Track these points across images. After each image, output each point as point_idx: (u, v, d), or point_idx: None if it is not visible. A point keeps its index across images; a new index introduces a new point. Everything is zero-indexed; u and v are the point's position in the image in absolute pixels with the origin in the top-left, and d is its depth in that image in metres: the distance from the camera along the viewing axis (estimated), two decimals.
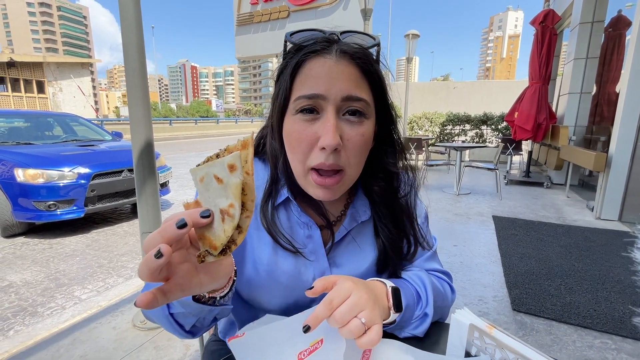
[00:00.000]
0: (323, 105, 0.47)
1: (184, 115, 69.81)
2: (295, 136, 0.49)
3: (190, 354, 1.55)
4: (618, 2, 4.71)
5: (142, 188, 1.63)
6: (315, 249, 0.58)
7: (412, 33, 7.51)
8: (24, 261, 2.67)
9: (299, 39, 0.52)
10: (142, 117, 1.58)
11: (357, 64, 0.49)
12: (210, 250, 0.33)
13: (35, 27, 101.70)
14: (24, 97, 21.12)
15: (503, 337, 0.40)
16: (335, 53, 0.48)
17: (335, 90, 0.47)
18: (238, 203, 0.31)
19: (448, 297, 0.62)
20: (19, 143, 3.64)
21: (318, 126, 0.48)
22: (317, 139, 0.47)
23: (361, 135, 0.49)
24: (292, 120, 0.50)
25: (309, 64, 0.49)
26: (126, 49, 1.50)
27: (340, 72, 0.47)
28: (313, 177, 0.49)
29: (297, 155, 0.50)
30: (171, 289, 0.34)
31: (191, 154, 10.35)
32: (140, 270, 0.30)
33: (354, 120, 0.49)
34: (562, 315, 1.82)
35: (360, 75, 0.49)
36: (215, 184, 0.32)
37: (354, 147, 0.49)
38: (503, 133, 7.89)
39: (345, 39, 0.52)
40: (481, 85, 11.88)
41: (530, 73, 5.28)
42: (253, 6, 8.39)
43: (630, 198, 3.47)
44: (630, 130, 3.37)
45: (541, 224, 3.40)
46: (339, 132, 0.47)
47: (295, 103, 0.49)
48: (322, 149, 0.47)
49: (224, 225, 0.32)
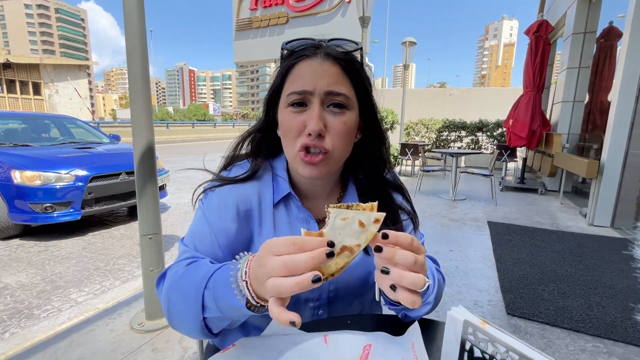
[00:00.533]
0: (310, 99, 0.56)
1: (181, 118, 69.71)
2: (287, 124, 0.58)
3: (188, 356, 1.56)
4: (609, 13, 4.83)
5: (143, 191, 1.64)
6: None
7: (409, 40, 7.61)
8: (20, 263, 2.66)
9: (292, 46, 0.62)
10: (144, 121, 1.60)
11: (339, 64, 0.58)
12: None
13: (32, 29, 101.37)
14: (20, 98, 21.00)
15: (495, 332, 0.42)
16: (320, 56, 0.58)
17: (319, 86, 0.55)
18: (364, 246, 0.38)
19: (442, 288, 0.66)
20: (16, 145, 3.63)
21: (305, 116, 0.56)
22: (305, 127, 0.56)
23: (343, 123, 0.57)
24: (285, 112, 0.59)
25: (299, 65, 0.58)
26: (130, 55, 1.53)
27: (324, 70, 0.56)
28: (301, 156, 0.57)
29: (288, 140, 0.58)
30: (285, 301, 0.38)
31: (188, 157, 10.33)
32: (287, 289, 0.36)
33: (336, 112, 0.57)
34: (555, 319, 1.85)
35: (342, 74, 0.58)
36: (356, 226, 0.38)
37: (336, 133, 0.57)
38: (498, 140, 7.99)
39: (331, 45, 0.61)
40: (477, 92, 12.03)
41: (524, 81, 5.38)
42: (252, 12, 8.47)
43: (622, 205, 3.53)
44: (621, 138, 3.44)
45: (535, 230, 3.44)
46: (322, 121, 0.55)
47: (287, 98, 0.57)
48: (308, 134, 0.55)
49: (337, 258, 0.38)
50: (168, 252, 2.90)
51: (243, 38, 8.71)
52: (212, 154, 11.11)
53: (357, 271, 0.65)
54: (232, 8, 8.76)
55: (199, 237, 0.61)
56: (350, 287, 0.67)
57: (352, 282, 0.66)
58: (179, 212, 4.21)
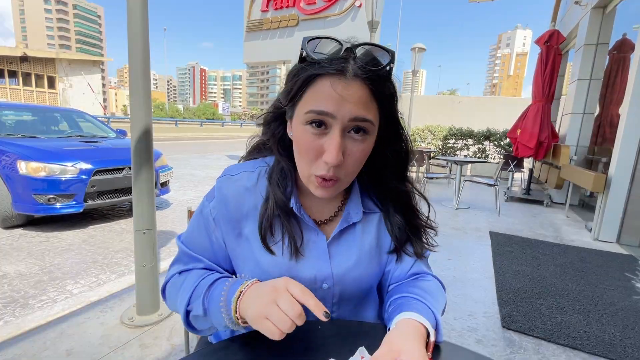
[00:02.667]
0: (331, 123, 0.51)
1: (190, 116, 70.44)
2: (304, 145, 0.54)
3: (175, 353, 1.55)
4: (623, 25, 4.75)
5: (138, 186, 1.65)
6: (317, 245, 0.64)
7: (418, 46, 7.59)
8: (20, 253, 2.70)
9: (314, 50, 0.52)
10: (143, 115, 1.61)
11: (368, 86, 0.52)
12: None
13: (50, 24, 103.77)
14: (34, 91, 21.45)
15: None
16: (349, 74, 0.50)
17: (343, 112, 0.50)
18: None
19: (444, 305, 0.66)
20: (24, 136, 3.70)
21: (325, 141, 0.52)
22: (322, 152, 0.53)
23: (362, 151, 0.55)
24: (302, 129, 0.54)
25: (323, 80, 0.51)
26: (131, 49, 1.54)
27: (351, 95, 0.50)
28: (317, 180, 0.55)
29: (304, 160, 0.56)
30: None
31: (194, 156, 10.42)
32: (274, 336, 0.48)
33: (357, 138, 0.53)
34: (551, 334, 1.80)
35: (370, 97, 0.52)
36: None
37: (353, 162, 0.55)
38: (505, 149, 7.90)
39: (360, 53, 0.53)
40: (486, 101, 11.93)
41: (533, 91, 5.31)
42: (263, 13, 8.53)
43: (628, 220, 3.45)
44: (630, 152, 3.37)
45: (538, 242, 3.38)
46: (342, 149, 0.52)
47: (306, 115, 0.52)
48: (325, 163, 0.52)
49: None
50: (166, 248, 2.92)
51: (253, 39, 8.78)
52: (217, 152, 11.17)
53: (362, 282, 0.65)
54: (244, 9, 8.84)
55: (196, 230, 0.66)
56: (355, 297, 0.66)
57: (356, 291, 0.66)
58: (181, 209, 4.24)
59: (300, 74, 0.53)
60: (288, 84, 0.56)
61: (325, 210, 0.66)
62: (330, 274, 0.62)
